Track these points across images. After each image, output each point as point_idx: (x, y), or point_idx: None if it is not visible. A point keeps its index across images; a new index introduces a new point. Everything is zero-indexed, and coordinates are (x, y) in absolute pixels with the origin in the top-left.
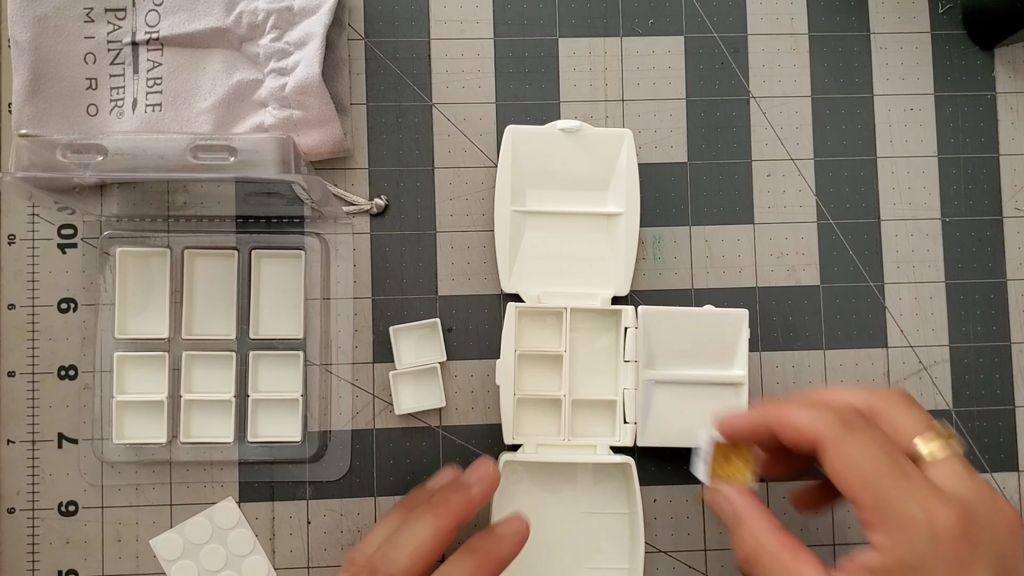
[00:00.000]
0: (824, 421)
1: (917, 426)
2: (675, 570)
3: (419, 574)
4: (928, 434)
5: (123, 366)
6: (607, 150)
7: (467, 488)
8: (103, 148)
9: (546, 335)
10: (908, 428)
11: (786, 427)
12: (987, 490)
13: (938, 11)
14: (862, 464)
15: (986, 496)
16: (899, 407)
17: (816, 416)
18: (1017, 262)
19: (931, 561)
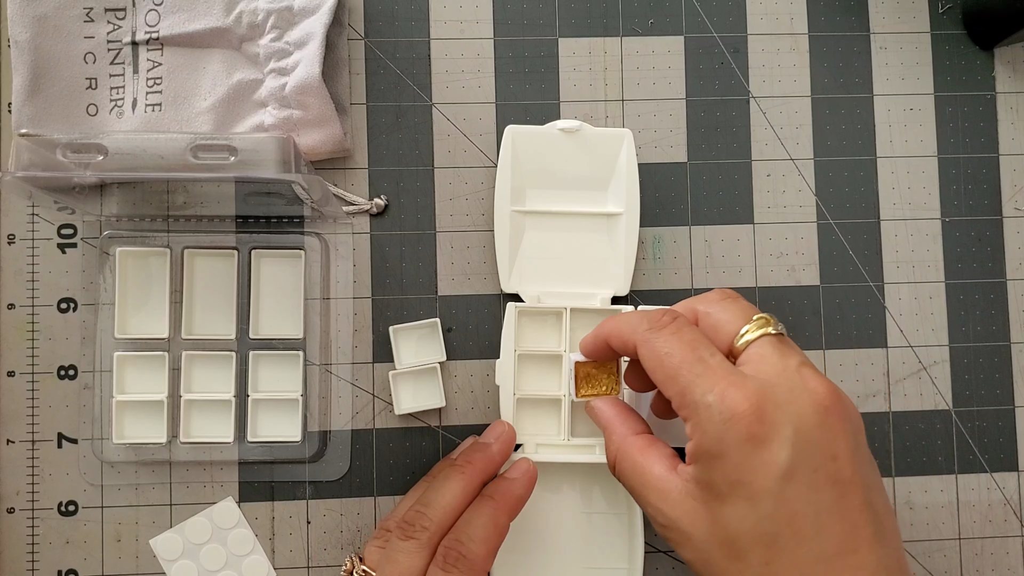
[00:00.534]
0: (635, 325)
1: (737, 319)
2: (675, 570)
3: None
4: (747, 325)
5: (123, 366)
6: (607, 150)
7: (487, 447)
8: (103, 148)
9: (546, 335)
10: (729, 322)
11: (612, 337)
12: (795, 367)
13: (938, 11)
14: (665, 359)
15: (791, 374)
16: (721, 306)
17: (630, 321)
18: (1017, 262)
19: (727, 443)
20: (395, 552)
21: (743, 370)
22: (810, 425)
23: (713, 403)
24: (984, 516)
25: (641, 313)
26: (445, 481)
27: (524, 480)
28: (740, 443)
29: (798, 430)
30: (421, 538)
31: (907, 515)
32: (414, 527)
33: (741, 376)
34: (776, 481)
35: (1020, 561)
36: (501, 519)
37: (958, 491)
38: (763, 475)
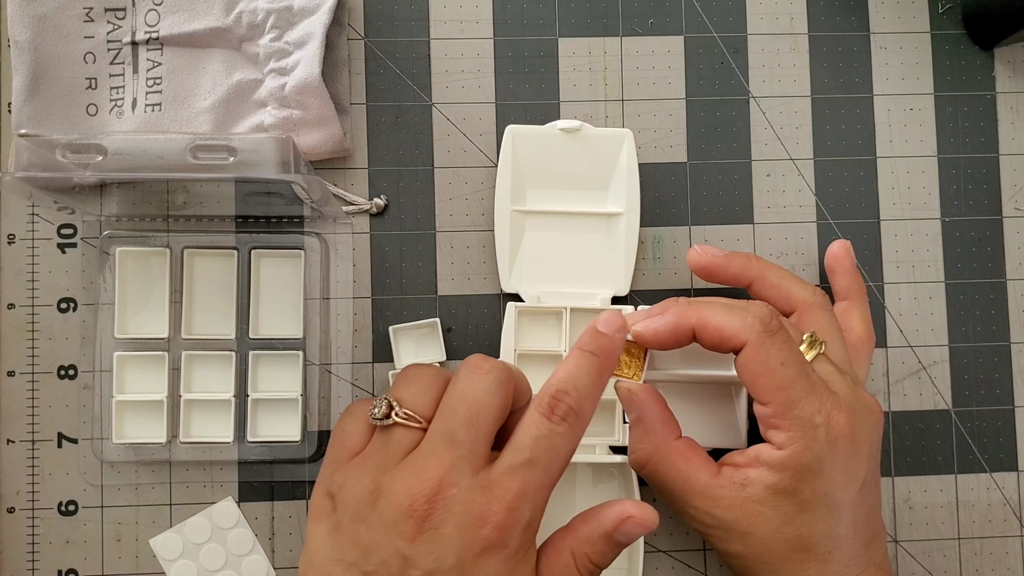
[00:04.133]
0: (747, 325)
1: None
2: (675, 570)
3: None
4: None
5: (123, 366)
6: (607, 150)
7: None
8: (103, 148)
9: (546, 335)
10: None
11: (709, 329)
12: (852, 385)
13: (938, 11)
14: (780, 369)
15: (854, 393)
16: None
17: (740, 319)
18: (1017, 262)
19: (827, 462)
20: (468, 386)
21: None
22: (876, 442)
23: (821, 424)
24: (984, 516)
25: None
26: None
27: (621, 337)
28: (837, 462)
29: (871, 448)
30: (501, 375)
31: (907, 515)
32: (491, 363)
33: (837, 398)
34: (855, 493)
35: (1020, 561)
36: (604, 371)
37: (958, 491)
38: (848, 489)
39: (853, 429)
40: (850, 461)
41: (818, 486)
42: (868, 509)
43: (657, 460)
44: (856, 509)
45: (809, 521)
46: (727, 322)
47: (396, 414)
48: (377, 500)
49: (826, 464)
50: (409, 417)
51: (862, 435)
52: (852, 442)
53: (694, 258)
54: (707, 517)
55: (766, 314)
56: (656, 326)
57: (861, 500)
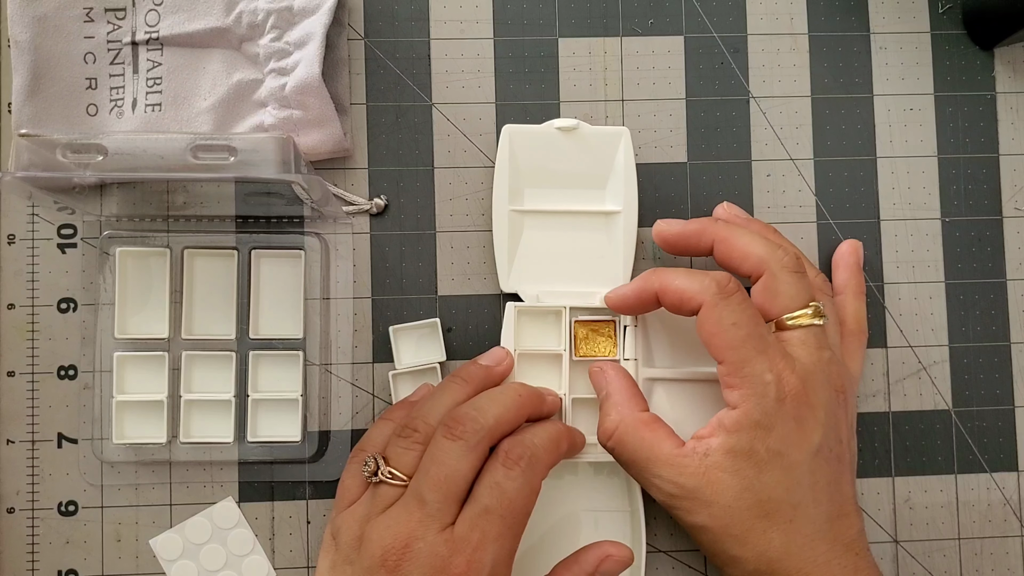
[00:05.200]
0: (704, 287)
1: (798, 299)
2: (675, 570)
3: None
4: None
5: (123, 366)
6: (604, 148)
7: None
8: (103, 148)
9: (545, 334)
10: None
11: (670, 292)
12: (827, 360)
13: (938, 11)
14: (731, 329)
15: (824, 365)
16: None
17: (698, 282)
18: (1017, 262)
19: (776, 418)
20: (439, 452)
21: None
22: (832, 412)
23: (771, 382)
24: (984, 516)
25: (693, 274)
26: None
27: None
28: (787, 419)
29: (827, 416)
30: (471, 440)
31: (907, 515)
32: (464, 427)
33: (792, 360)
34: (809, 455)
35: (1020, 561)
36: (563, 436)
37: (958, 491)
38: (801, 449)
39: (806, 390)
40: (802, 421)
41: (771, 443)
42: (830, 481)
43: (623, 430)
44: (814, 476)
45: (767, 484)
46: (686, 285)
47: (381, 472)
48: (360, 547)
49: (776, 421)
50: (393, 476)
51: (816, 398)
52: (804, 403)
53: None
54: (671, 487)
55: (723, 278)
56: (623, 292)
57: (819, 467)
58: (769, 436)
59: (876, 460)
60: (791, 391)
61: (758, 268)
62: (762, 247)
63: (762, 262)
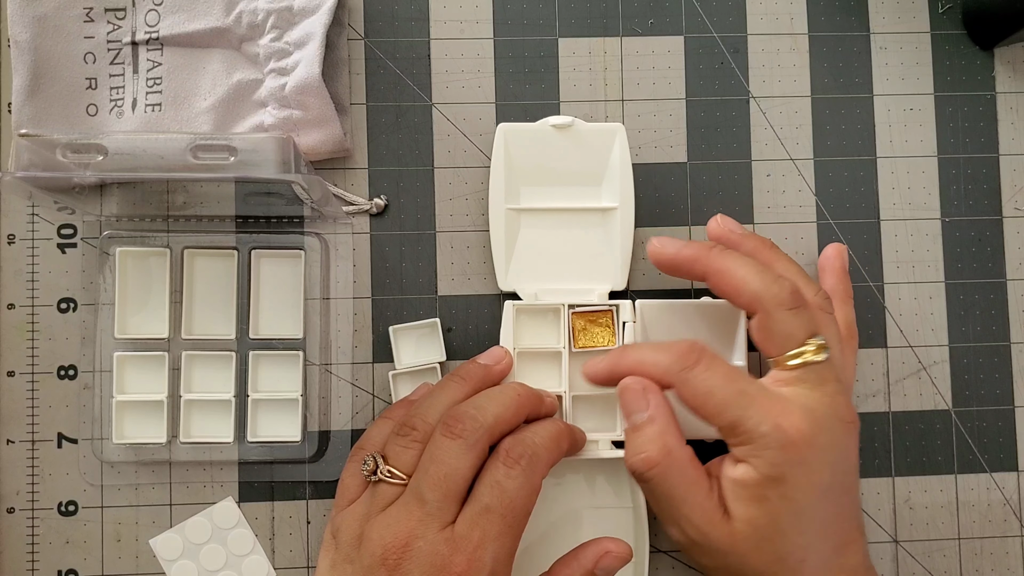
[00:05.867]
0: (667, 366)
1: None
2: (675, 569)
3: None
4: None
5: (123, 366)
6: (600, 145)
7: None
8: (103, 148)
9: (544, 332)
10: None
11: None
12: (831, 395)
13: (938, 11)
14: (708, 398)
15: (828, 401)
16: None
17: (658, 361)
18: (1017, 262)
19: (784, 467)
20: (439, 451)
21: (782, 389)
22: (842, 449)
23: (769, 432)
24: (984, 516)
25: (660, 348)
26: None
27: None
28: (795, 465)
29: (836, 455)
30: (470, 439)
31: (907, 515)
32: (464, 425)
33: (786, 403)
34: (819, 497)
35: (1020, 561)
36: (563, 435)
37: (958, 491)
38: (811, 493)
39: (812, 433)
40: (811, 465)
41: (784, 491)
42: (836, 514)
43: (668, 463)
44: (824, 513)
45: (781, 531)
46: (652, 364)
47: (380, 471)
48: (360, 545)
49: (785, 469)
50: (392, 475)
51: (824, 438)
52: (810, 445)
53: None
54: (696, 533)
55: (683, 351)
56: (597, 368)
57: (829, 504)
58: (781, 486)
59: (876, 460)
60: (795, 436)
61: (752, 306)
62: (757, 282)
63: (757, 299)
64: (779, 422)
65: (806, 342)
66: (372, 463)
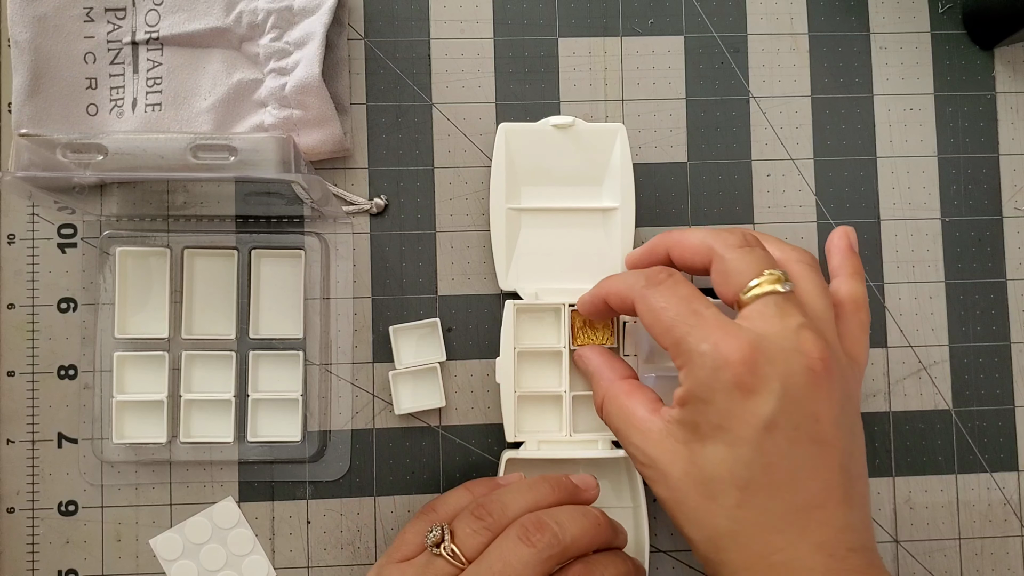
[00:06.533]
0: (633, 283)
1: (750, 270)
2: (675, 569)
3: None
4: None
5: (123, 366)
6: (601, 145)
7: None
8: (103, 148)
9: (545, 332)
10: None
11: (611, 296)
12: (794, 327)
13: (938, 11)
14: (661, 313)
15: (789, 333)
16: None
17: (627, 280)
18: (1017, 262)
19: (715, 389)
20: (509, 552)
21: (742, 323)
22: (798, 384)
23: (707, 351)
24: (984, 516)
25: (638, 271)
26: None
27: None
28: (728, 390)
29: (786, 387)
30: (544, 553)
31: (907, 515)
32: (542, 536)
33: (736, 327)
34: (757, 431)
35: (1020, 561)
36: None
37: (958, 491)
38: (745, 424)
39: (751, 358)
40: (748, 391)
41: (711, 416)
42: (799, 466)
43: (608, 401)
44: (767, 456)
45: (710, 460)
46: (620, 285)
47: (444, 548)
48: None
49: (716, 393)
50: (454, 556)
51: (772, 368)
52: (748, 371)
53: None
54: (640, 454)
55: (654, 271)
56: (585, 299)
57: (776, 446)
58: (708, 408)
59: (876, 460)
60: (731, 358)
61: (707, 257)
62: (706, 235)
63: (708, 249)
64: (719, 342)
65: (760, 274)
66: (439, 535)
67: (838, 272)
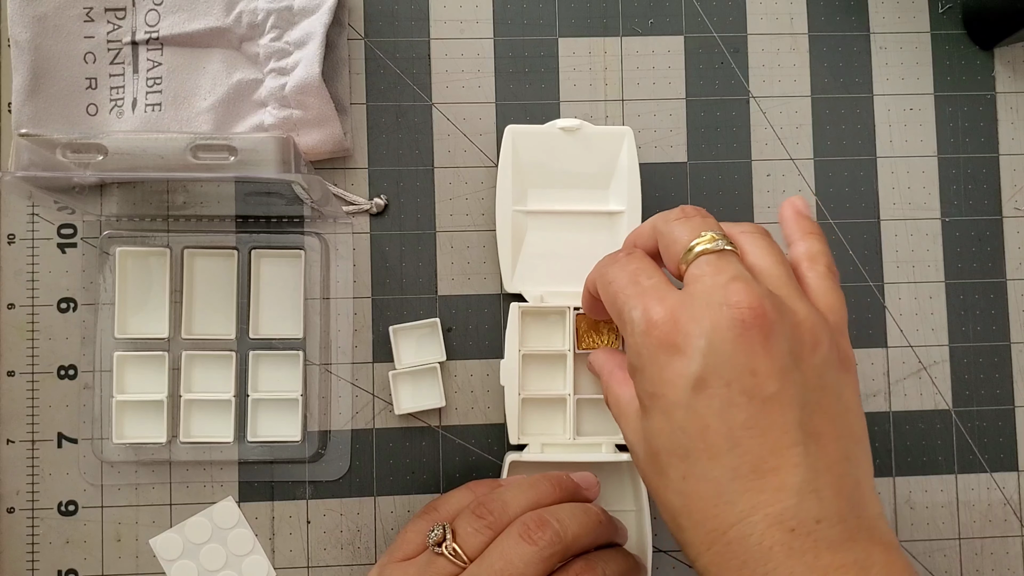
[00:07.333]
0: (598, 266)
1: (686, 237)
2: (675, 569)
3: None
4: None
5: (123, 366)
6: (608, 148)
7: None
8: (103, 147)
9: (550, 334)
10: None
11: (589, 284)
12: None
13: (938, 11)
14: (608, 287)
15: (718, 288)
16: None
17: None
18: (1017, 262)
19: (644, 355)
20: (510, 550)
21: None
22: (725, 338)
23: (636, 318)
24: (984, 516)
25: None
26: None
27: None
28: (655, 354)
29: (711, 342)
30: (545, 550)
31: (907, 515)
32: (544, 534)
33: (669, 292)
34: (686, 392)
35: (1020, 561)
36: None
37: (958, 491)
38: (674, 387)
39: (673, 318)
40: (673, 351)
41: (646, 385)
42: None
43: (606, 392)
44: (702, 418)
45: (652, 431)
46: (592, 271)
47: (446, 547)
48: None
49: (645, 359)
50: (455, 554)
51: (696, 325)
52: (672, 331)
53: None
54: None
55: (616, 252)
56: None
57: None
58: (644, 377)
59: (876, 460)
60: (656, 318)
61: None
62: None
63: (653, 229)
64: (648, 306)
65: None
66: (440, 534)
67: (791, 238)
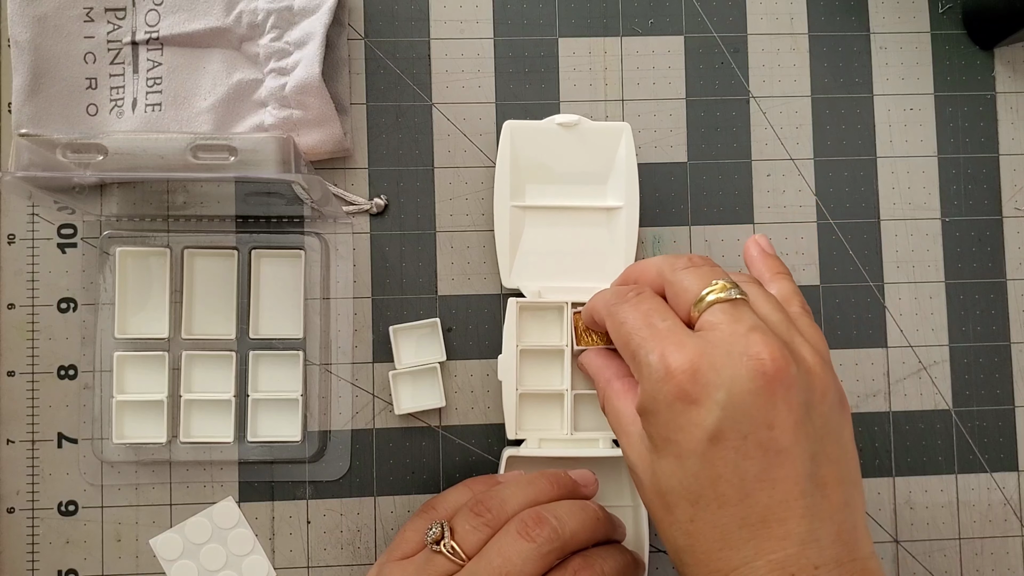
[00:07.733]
0: (604, 301)
1: (696, 286)
2: (675, 569)
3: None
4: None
5: (123, 366)
6: (606, 144)
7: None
8: (103, 148)
9: (547, 330)
10: (688, 290)
11: (593, 313)
12: (744, 332)
13: (938, 11)
14: (620, 327)
15: (737, 338)
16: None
17: (603, 296)
18: (1017, 262)
19: (659, 401)
20: (508, 547)
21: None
22: (744, 391)
23: (654, 362)
24: (984, 516)
25: (615, 288)
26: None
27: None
28: (671, 401)
29: (731, 395)
30: (544, 547)
31: (907, 515)
32: (542, 531)
33: (687, 337)
34: (702, 443)
35: (1020, 561)
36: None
37: (958, 491)
38: (690, 436)
39: (694, 367)
40: (691, 402)
41: (659, 429)
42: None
43: (604, 400)
44: (715, 468)
45: (663, 473)
46: (598, 303)
47: (444, 545)
48: None
49: (661, 406)
50: (454, 552)
51: (716, 376)
52: (691, 380)
53: None
54: (625, 456)
55: (624, 288)
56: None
57: (723, 458)
58: (657, 421)
59: (876, 460)
60: (673, 368)
61: (661, 285)
62: (660, 262)
63: (660, 275)
64: (665, 352)
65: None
66: (439, 532)
67: (761, 278)
